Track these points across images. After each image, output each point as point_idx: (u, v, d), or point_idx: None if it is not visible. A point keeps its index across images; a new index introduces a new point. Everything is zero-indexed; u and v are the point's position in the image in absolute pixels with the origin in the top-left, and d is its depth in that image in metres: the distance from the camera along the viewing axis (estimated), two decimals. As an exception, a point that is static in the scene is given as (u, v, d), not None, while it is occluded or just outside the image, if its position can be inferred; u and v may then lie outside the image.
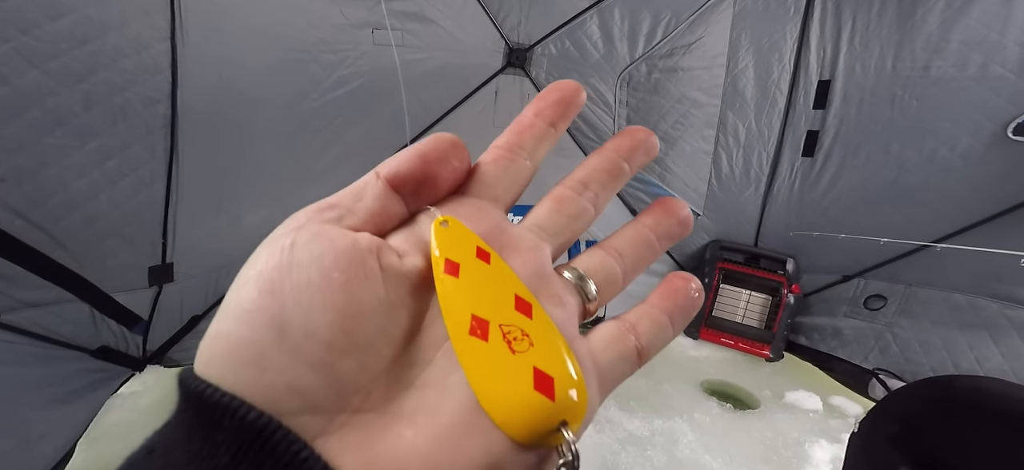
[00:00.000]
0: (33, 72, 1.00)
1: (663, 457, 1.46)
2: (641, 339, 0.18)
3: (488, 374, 0.14)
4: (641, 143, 0.21)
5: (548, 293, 0.17)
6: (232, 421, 0.12)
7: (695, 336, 2.21)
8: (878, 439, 0.44)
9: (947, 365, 1.70)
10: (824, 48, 1.84)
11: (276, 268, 0.14)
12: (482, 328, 0.14)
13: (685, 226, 0.21)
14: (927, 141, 1.68)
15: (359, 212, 0.16)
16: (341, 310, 0.14)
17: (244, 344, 0.13)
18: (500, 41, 1.80)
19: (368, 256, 0.15)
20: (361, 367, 0.14)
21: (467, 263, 0.16)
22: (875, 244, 1.77)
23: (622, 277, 0.19)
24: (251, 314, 0.13)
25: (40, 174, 1.07)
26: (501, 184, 0.19)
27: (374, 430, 0.14)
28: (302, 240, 0.15)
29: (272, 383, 0.13)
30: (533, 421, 0.13)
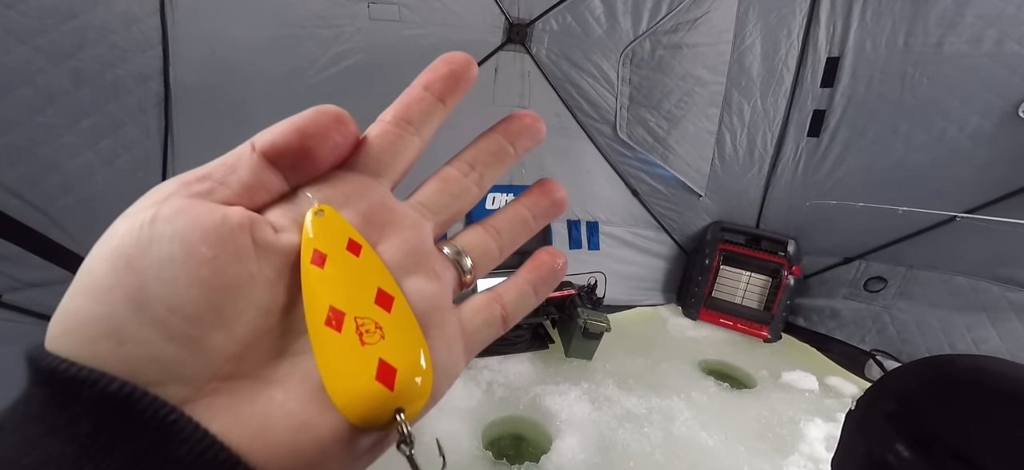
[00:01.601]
0: (21, 48, 0.98)
1: (660, 434, 1.48)
2: (507, 308, 0.20)
3: (336, 363, 0.15)
4: (527, 128, 0.21)
5: (426, 268, 0.18)
6: (92, 392, 0.12)
7: (694, 317, 2.22)
8: (875, 416, 0.44)
9: (943, 347, 1.71)
10: (834, 23, 1.79)
11: (134, 243, 0.14)
12: (337, 319, 0.15)
13: (559, 207, 0.22)
14: (936, 121, 1.65)
15: (232, 185, 0.16)
16: (208, 284, 0.14)
17: (97, 319, 0.13)
18: (500, 16, 1.75)
19: (239, 232, 0.15)
20: (231, 338, 0.14)
21: (335, 255, 0.16)
22: (878, 226, 1.76)
23: (498, 252, 0.21)
24: (106, 290, 0.13)
25: (34, 153, 1.06)
26: (388, 159, 0.19)
27: (244, 394, 0.14)
28: (165, 214, 0.14)
29: (130, 355, 0.13)
30: (369, 408, 0.15)
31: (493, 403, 1.56)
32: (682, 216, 2.24)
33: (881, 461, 0.40)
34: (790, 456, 1.43)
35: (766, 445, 1.48)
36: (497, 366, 1.73)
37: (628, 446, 1.43)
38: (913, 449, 0.38)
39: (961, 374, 0.41)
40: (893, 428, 0.40)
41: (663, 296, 2.37)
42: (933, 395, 0.41)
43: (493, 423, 1.49)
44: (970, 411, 0.38)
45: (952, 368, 0.43)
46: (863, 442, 0.44)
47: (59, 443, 0.12)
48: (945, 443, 0.37)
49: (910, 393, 0.42)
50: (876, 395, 0.46)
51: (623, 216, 2.21)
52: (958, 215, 1.60)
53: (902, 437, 0.39)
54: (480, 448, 1.38)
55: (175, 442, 0.12)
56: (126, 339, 0.13)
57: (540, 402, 1.57)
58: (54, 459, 0.12)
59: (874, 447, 0.41)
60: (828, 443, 1.49)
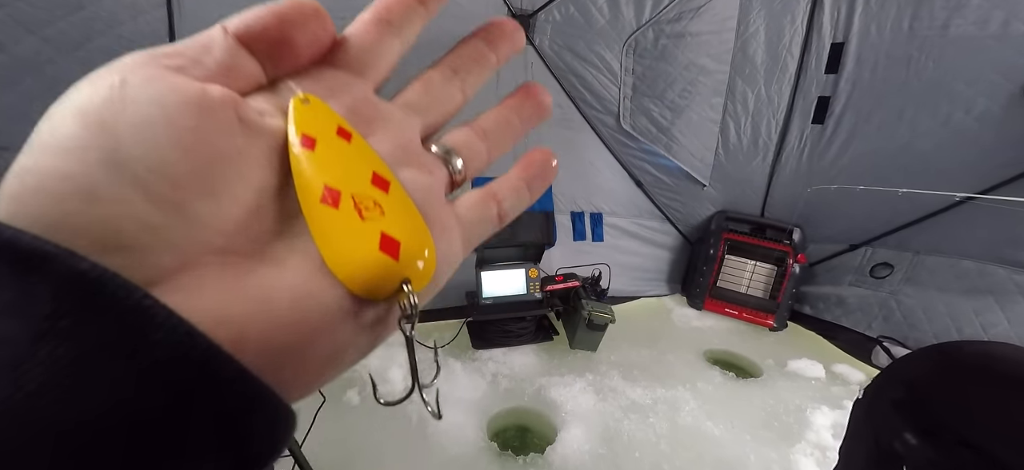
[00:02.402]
0: (30, 39, 0.98)
1: (665, 424, 1.48)
2: (503, 204, 0.20)
3: (335, 236, 0.14)
4: (507, 33, 0.21)
5: (417, 163, 0.18)
6: (55, 268, 0.11)
7: (699, 307, 2.21)
8: (882, 405, 0.44)
9: (951, 332, 1.70)
10: (839, 8, 1.77)
11: (105, 104, 0.12)
12: (333, 197, 0.15)
13: (544, 110, 0.22)
14: (942, 104, 1.63)
15: (207, 64, 0.15)
16: (192, 150, 0.13)
17: (67, 176, 0.12)
18: (502, 6, 1.74)
19: (222, 106, 0.14)
20: (220, 211, 0.13)
21: (325, 139, 0.16)
22: (884, 212, 1.74)
23: (486, 153, 0.21)
24: (76, 149, 0.12)
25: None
26: (369, 59, 0.18)
27: (241, 269, 0.13)
28: (138, 80, 0.13)
29: (107, 214, 0.12)
30: (375, 278, 0.14)
31: (498, 394, 1.57)
32: (686, 206, 2.23)
33: (889, 449, 0.40)
34: (797, 444, 1.44)
35: (773, 434, 1.48)
36: (502, 358, 1.74)
37: (633, 436, 1.43)
38: (921, 437, 0.38)
39: (969, 360, 0.41)
40: (901, 416, 0.40)
41: (668, 286, 2.37)
42: (940, 382, 0.41)
43: (498, 414, 1.50)
44: (978, 398, 0.38)
45: (959, 354, 0.42)
46: (871, 430, 0.44)
47: (11, 324, 0.10)
48: (953, 430, 0.37)
49: (917, 380, 0.42)
50: (883, 383, 0.46)
51: (627, 207, 2.21)
52: (958, 195, 1.58)
53: (910, 425, 0.39)
54: (485, 439, 1.39)
55: (149, 326, 0.11)
56: (101, 198, 0.12)
57: (545, 393, 1.58)
58: (3, 339, 0.10)
59: (882, 435, 0.41)
60: (835, 431, 1.49)
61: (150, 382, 0.11)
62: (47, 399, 0.10)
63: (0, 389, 0.10)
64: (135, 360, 0.11)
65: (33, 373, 0.10)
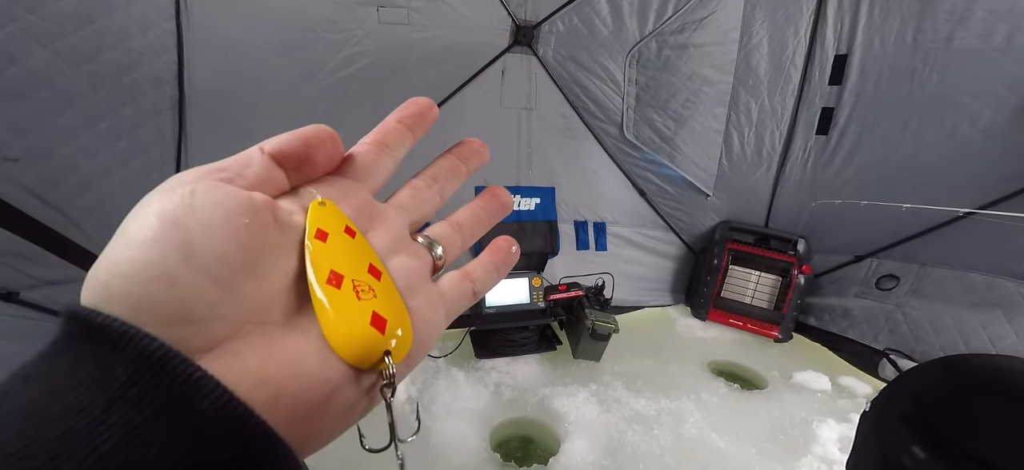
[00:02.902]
0: (41, 52, 1.00)
1: (669, 436, 1.47)
2: (476, 284, 0.24)
3: (335, 311, 0.18)
4: (475, 152, 0.27)
5: (407, 251, 0.22)
6: (130, 348, 0.13)
7: (703, 317, 2.20)
8: (890, 418, 0.43)
9: (958, 345, 1.68)
10: (842, 20, 1.78)
11: (179, 207, 0.16)
12: (337, 280, 0.18)
13: (506, 208, 0.27)
14: (947, 116, 1.63)
15: (247, 177, 0.18)
16: (244, 244, 0.16)
17: (151, 264, 0.14)
18: (507, 18, 1.76)
19: (264, 208, 0.18)
20: (261, 289, 0.17)
21: (334, 234, 0.19)
22: (889, 224, 1.74)
23: (462, 243, 0.25)
24: (157, 242, 0.15)
25: (53, 154, 1.08)
26: (370, 171, 0.23)
27: (275, 337, 0.17)
28: (202, 189, 0.16)
29: (182, 295, 0.15)
30: (364, 347, 0.17)
31: (501, 405, 1.56)
32: (690, 216, 2.23)
33: (896, 463, 0.39)
34: (803, 458, 1.42)
35: (778, 447, 1.47)
36: (505, 368, 1.73)
37: (638, 448, 1.42)
38: (929, 451, 0.37)
39: (977, 374, 0.41)
40: (908, 430, 0.40)
41: (671, 297, 2.36)
42: (948, 396, 0.40)
43: (501, 425, 1.49)
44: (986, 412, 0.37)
45: (967, 367, 0.42)
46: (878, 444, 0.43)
47: (90, 393, 0.13)
48: (961, 445, 0.36)
49: (925, 394, 0.42)
50: (891, 396, 0.45)
51: (630, 216, 2.21)
52: (962, 210, 1.58)
53: (918, 439, 0.39)
54: (488, 450, 1.38)
55: (198, 395, 0.14)
56: (177, 282, 0.15)
57: (548, 404, 1.57)
58: (85, 407, 0.12)
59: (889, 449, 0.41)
60: (842, 444, 1.47)
61: (195, 441, 0.13)
62: (118, 460, 0.12)
63: (79, 450, 0.12)
64: (184, 422, 0.13)
65: (106, 435, 0.12)
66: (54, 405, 0.12)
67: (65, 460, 0.12)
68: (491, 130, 1.88)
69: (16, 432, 0.12)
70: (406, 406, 1.44)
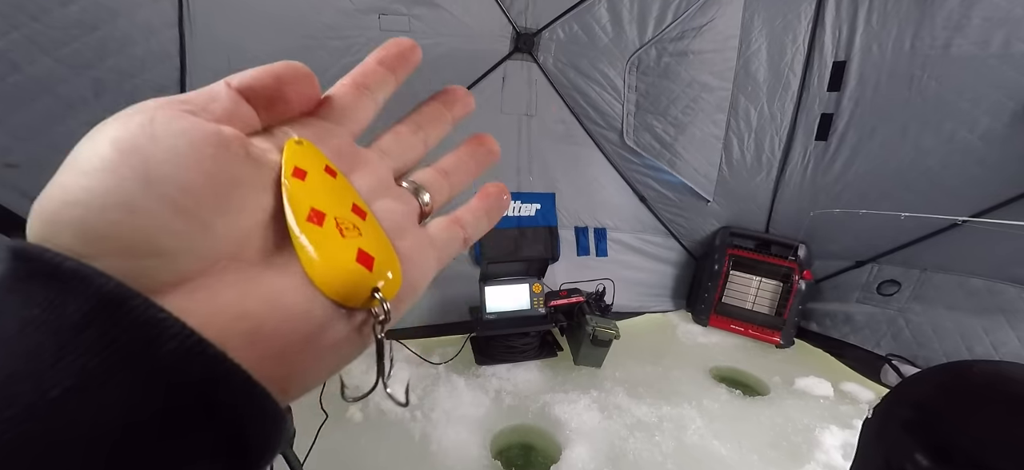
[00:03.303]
0: (44, 59, 1.00)
1: (671, 443, 1.46)
2: (466, 229, 0.23)
3: (318, 249, 0.16)
4: (460, 99, 0.25)
5: (393, 195, 0.21)
6: (84, 285, 0.12)
7: (705, 323, 2.20)
8: (892, 425, 0.43)
9: (961, 350, 1.68)
10: (840, 28, 1.79)
11: (137, 134, 0.14)
12: (318, 217, 0.17)
13: (494, 155, 0.26)
14: (946, 122, 1.63)
15: (213, 111, 0.17)
16: (211, 174, 0.15)
17: (108, 191, 0.13)
18: (507, 26, 1.77)
19: (235, 141, 0.16)
20: (234, 225, 0.15)
21: (314, 173, 0.18)
22: (890, 229, 1.74)
23: (449, 189, 0.24)
24: (113, 168, 0.13)
25: (53, 161, 1.07)
26: (349, 114, 0.21)
27: (252, 272, 0.15)
28: (163, 117, 0.15)
29: (142, 224, 0.13)
30: (351, 284, 0.16)
31: (502, 412, 1.56)
32: (690, 221, 2.23)
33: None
34: (806, 465, 1.41)
35: (781, 454, 1.46)
36: (505, 374, 1.73)
37: (639, 456, 1.41)
38: (933, 458, 0.37)
39: (980, 380, 0.41)
40: (911, 437, 0.39)
41: (672, 302, 2.35)
42: (951, 402, 0.40)
43: (502, 432, 1.48)
44: (990, 419, 0.37)
45: (971, 374, 0.42)
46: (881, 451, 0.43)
47: (38, 336, 0.11)
48: (965, 451, 0.36)
49: (928, 400, 0.42)
50: (893, 403, 0.45)
51: (631, 222, 2.21)
52: (959, 219, 1.58)
53: (921, 446, 0.38)
54: (489, 457, 1.37)
55: (162, 337, 0.12)
56: (137, 209, 0.13)
57: (549, 411, 1.56)
58: (30, 352, 0.11)
59: (892, 456, 0.41)
60: (845, 451, 1.46)
61: (158, 387, 0.12)
62: (71, 405, 0.11)
63: (23, 395, 0.11)
64: (147, 367, 0.12)
65: (55, 379, 0.11)
66: (2, 350, 0.11)
67: (6, 406, 0.11)
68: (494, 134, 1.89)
69: None
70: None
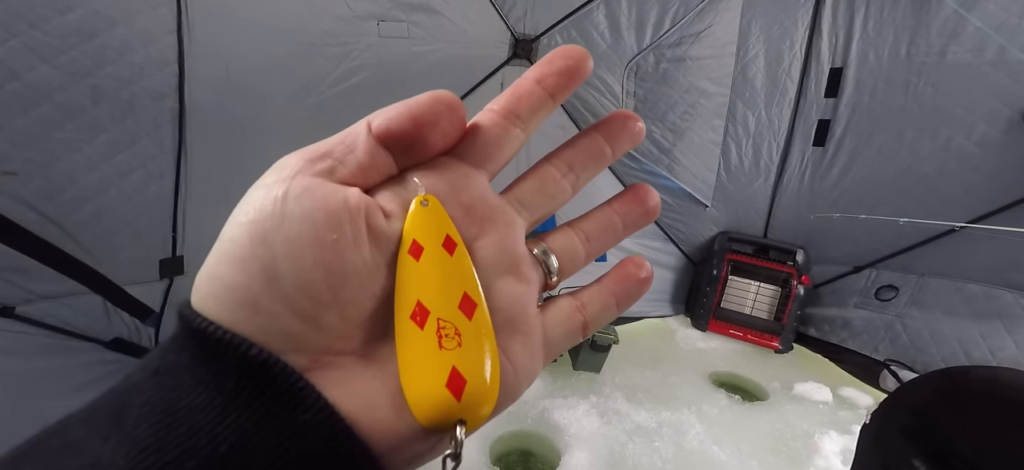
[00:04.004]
0: (43, 66, 1.00)
1: (671, 448, 1.46)
2: (589, 317, 0.20)
3: (414, 359, 0.16)
4: (627, 129, 0.21)
5: (517, 270, 0.19)
6: (235, 354, 0.14)
7: (703, 328, 2.19)
8: (890, 430, 0.43)
9: (958, 355, 1.68)
10: (836, 34, 1.80)
11: (269, 218, 0.15)
12: (422, 316, 0.16)
13: (652, 215, 0.22)
14: (942, 129, 1.64)
15: (350, 165, 0.17)
16: (329, 268, 0.15)
17: (238, 288, 0.15)
18: (506, 32, 1.78)
19: (357, 216, 0.16)
20: (342, 318, 0.16)
21: (431, 249, 0.17)
22: (888, 234, 1.74)
23: (584, 257, 0.21)
24: (244, 261, 0.15)
25: (51, 168, 1.08)
26: (492, 152, 0.19)
27: (353, 370, 0.16)
28: (294, 192, 0.15)
29: (262, 325, 0.14)
30: (436, 413, 0.15)
31: (500, 418, 1.53)
32: (689, 227, 2.23)
33: None
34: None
35: (780, 459, 1.45)
36: (504, 379, 1.72)
37: (639, 461, 1.40)
38: (931, 463, 0.37)
39: (977, 386, 0.41)
40: (910, 442, 0.39)
41: (671, 307, 2.35)
42: (949, 408, 0.40)
43: (501, 438, 1.48)
44: (987, 424, 0.37)
45: (968, 380, 0.42)
46: (879, 457, 0.43)
47: (207, 393, 0.13)
48: (962, 456, 0.36)
49: (926, 406, 0.42)
50: (891, 408, 0.45)
51: (629, 227, 2.21)
52: (957, 225, 1.58)
53: (919, 451, 0.38)
54: (488, 464, 1.37)
55: (301, 406, 0.14)
56: (260, 310, 0.14)
57: (548, 416, 1.56)
58: (203, 407, 0.13)
59: (890, 461, 0.41)
60: (844, 456, 1.45)
61: (301, 447, 0.14)
62: (236, 460, 0.13)
63: (203, 447, 0.13)
64: (291, 429, 0.14)
65: (225, 435, 0.13)
66: (182, 401, 0.13)
67: (189, 457, 0.13)
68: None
69: (148, 426, 0.13)
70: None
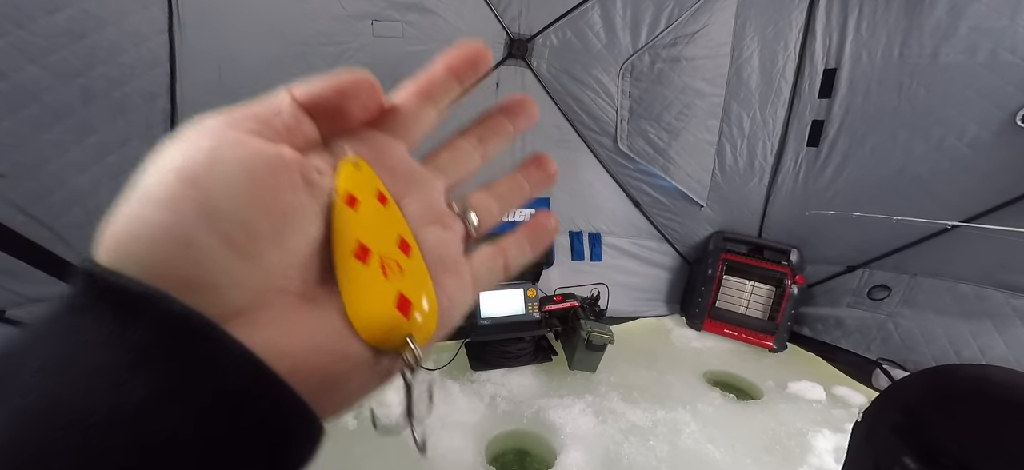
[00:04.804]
0: (31, 67, 0.99)
1: (665, 447, 1.46)
2: (508, 258, 0.23)
3: (360, 290, 0.17)
4: (524, 108, 0.25)
5: (440, 221, 0.21)
6: (152, 307, 0.13)
7: (698, 328, 2.20)
8: (881, 429, 0.44)
9: (949, 354, 1.69)
10: (830, 36, 1.82)
11: (201, 164, 0.15)
12: (364, 254, 0.17)
13: (551, 177, 0.26)
14: (934, 130, 1.66)
15: (275, 126, 0.17)
16: (268, 207, 0.15)
17: (168, 225, 0.14)
18: (501, 32, 1.78)
19: (292, 166, 0.16)
20: (284, 257, 0.16)
21: (365, 200, 0.18)
22: (881, 235, 1.76)
23: (499, 212, 0.24)
24: (175, 201, 0.14)
25: (41, 170, 1.07)
26: (409, 125, 0.21)
27: (295, 307, 0.16)
28: (227, 144, 0.15)
29: (198, 258, 0.14)
30: (388, 331, 0.17)
31: (496, 417, 1.55)
32: (684, 226, 2.24)
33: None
34: (798, 468, 1.41)
35: (774, 457, 1.46)
36: (500, 379, 1.72)
37: (634, 460, 1.41)
38: (921, 461, 0.38)
39: (966, 384, 0.41)
40: (900, 440, 0.40)
41: (666, 307, 2.36)
42: (939, 406, 0.40)
43: (497, 437, 1.48)
44: (976, 422, 0.38)
45: (957, 378, 0.42)
46: (871, 455, 0.43)
47: (115, 352, 0.12)
48: (952, 454, 0.36)
49: (916, 405, 0.42)
50: (882, 407, 0.45)
51: (625, 227, 2.22)
52: (950, 224, 1.60)
53: (909, 449, 0.39)
54: (484, 463, 1.37)
55: (224, 358, 0.13)
56: (194, 245, 0.14)
57: (544, 416, 1.56)
58: (109, 366, 0.12)
59: (881, 459, 0.41)
60: (837, 455, 1.46)
61: (222, 402, 0.13)
62: (143, 418, 0.12)
63: (104, 405, 0.12)
64: (211, 385, 0.13)
65: (130, 394, 0.12)
66: (78, 363, 0.12)
67: (89, 413, 0.12)
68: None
69: (41, 389, 0.12)
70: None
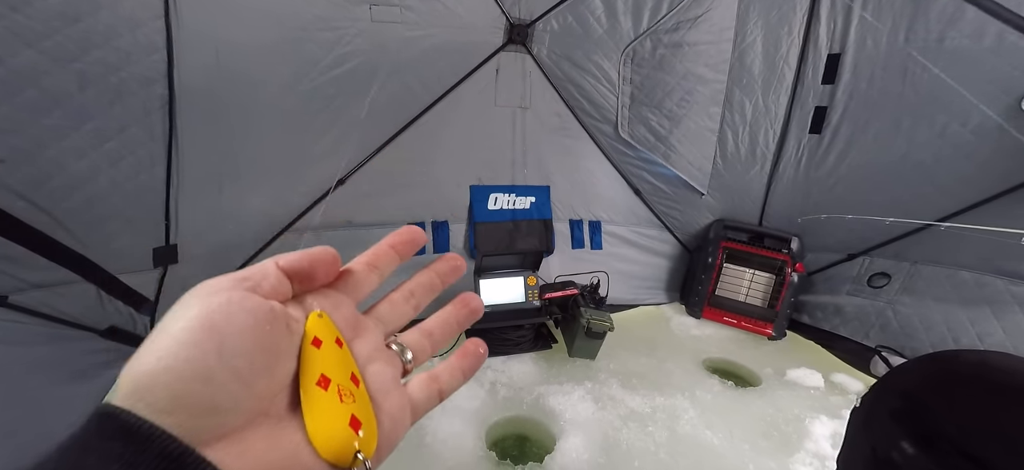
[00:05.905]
0: (27, 51, 0.98)
1: (664, 433, 1.48)
2: (442, 386, 0.28)
3: (321, 412, 0.21)
4: (453, 268, 0.31)
5: (382, 359, 0.26)
6: (155, 444, 0.16)
7: (698, 315, 2.21)
8: (879, 414, 0.44)
9: (947, 341, 1.70)
10: (835, 20, 1.79)
11: (217, 312, 0.20)
12: (326, 383, 0.22)
13: (476, 313, 0.31)
14: (938, 116, 1.64)
15: (264, 287, 0.22)
16: (265, 348, 0.21)
17: (192, 362, 0.18)
18: (501, 17, 1.75)
19: (281, 317, 0.22)
20: (270, 386, 0.21)
21: (327, 343, 0.23)
22: (881, 222, 1.75)
23: (431, 349, 0.29)
24: (198, 343, 0.19)
25: (39, 155, 1.06)
26: (359, 286, 0.27)
27: (277, 428, 0.21)
28: (237, 298, 0.21)
29: (214, 392, 0.18)
30: (342, 447, 0.21)
31: (497, 403, 1.56)
32: (685, 214, 2.24)
33: (886, 459, 0.39)
34: (796, 454, 1.43)
35: (772, 443, 1.48)
36: (500, 366, 1.73)
37: (632, 446, 1.42)
38: (918, 446, 0.38)
39: (965, 369, 0.41)
40: (898, 425, 0.40)
41: (666, 295, 2.36)
42: (937, 391, 0.40)
43: (497, 423, 1.49)
44: (974, 407, 0.38)
45: (955, 363, 0.42)
46: (868, 440, 0.44)
47: None
48: (950, 440, 0.36)
49: (914, 390, 0.42)
50: (880, 392, 0.46)
51: (626, 215, 2.21)
52: (933, 223, 1.62)
53: (907, 434, 0.39)
54: (484, 449, 1.38)
55: None
56: (212, 380, 0.18)
57: (544, 402, 1.57)
58: None
59: (879, 445, 0.41)
60: (834, 441, 1.48)
61: None
62: None
63: None
64: None
65: None
66: None
67: None
68: (486, 129, 1.88)
69: None
70: None
